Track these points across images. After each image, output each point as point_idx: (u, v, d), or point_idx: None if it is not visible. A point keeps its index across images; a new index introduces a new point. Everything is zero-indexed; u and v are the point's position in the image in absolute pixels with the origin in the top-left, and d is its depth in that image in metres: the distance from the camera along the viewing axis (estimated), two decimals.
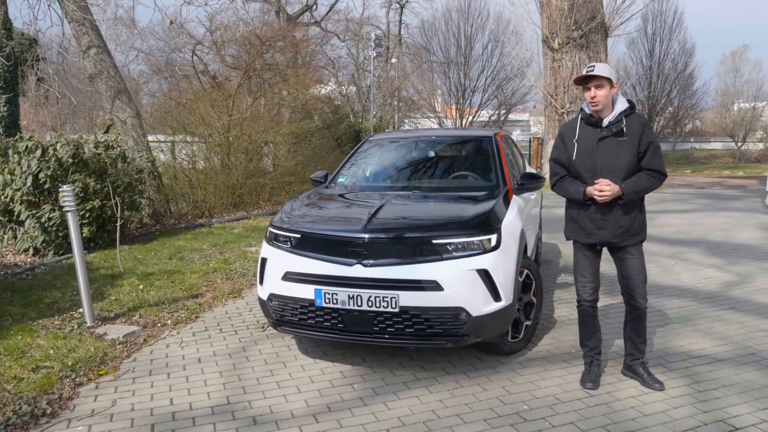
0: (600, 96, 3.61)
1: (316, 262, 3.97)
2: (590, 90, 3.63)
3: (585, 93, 3.68)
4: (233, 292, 6.16)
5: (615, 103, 3.71)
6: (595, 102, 3.63)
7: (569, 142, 3.81)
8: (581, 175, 3.74)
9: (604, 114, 3.69)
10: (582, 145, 3.74)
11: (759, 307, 5.42)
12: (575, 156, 3.76)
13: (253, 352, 4.54)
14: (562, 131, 3.91)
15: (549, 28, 17.09)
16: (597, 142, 3.69)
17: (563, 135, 3.87)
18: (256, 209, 11.64)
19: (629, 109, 3.69)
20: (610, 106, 3.69)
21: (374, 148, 5.71)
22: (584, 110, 3.80)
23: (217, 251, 7.99)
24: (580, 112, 3.85)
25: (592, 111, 3.71)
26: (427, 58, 29.53)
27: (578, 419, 3.42)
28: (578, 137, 3.76)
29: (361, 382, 3.96)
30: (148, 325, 5.12)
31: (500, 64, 28.39)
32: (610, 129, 3.66)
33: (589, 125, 3.75)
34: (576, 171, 3.77)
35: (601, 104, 3.63)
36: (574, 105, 17.07)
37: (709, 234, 8.95)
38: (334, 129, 15.81)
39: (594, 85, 3.61)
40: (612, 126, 3.66)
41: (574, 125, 3.83)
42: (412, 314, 3.78)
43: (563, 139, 3.86)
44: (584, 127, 3.77)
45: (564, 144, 3.85)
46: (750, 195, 13.22)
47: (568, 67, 16.99)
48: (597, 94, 3.60)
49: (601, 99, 3.62)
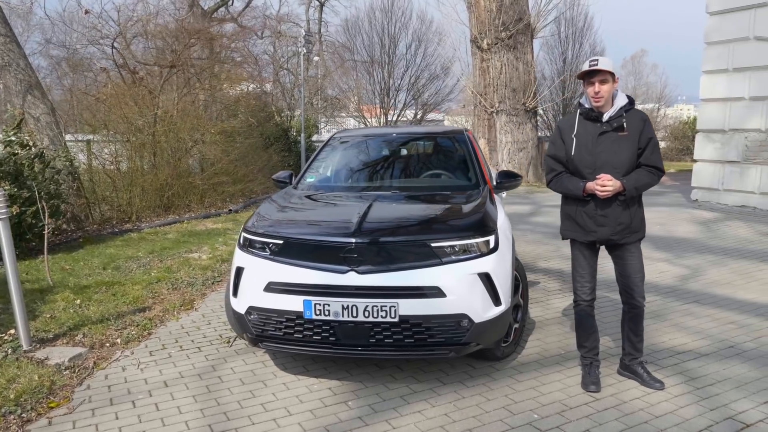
0: (604, 91, 3.51)
1: (304, 271, 3.61)
2: (594, 85, 3.51)
3: (588, 88, 3.56)
4: (184, 304, 5.63)
5: (614, 97, 3.62)
6: (598, 97, 3.52)
7: (567, 138, 3.68)
8: (581, 171, 3.62)
9: (604, 108, 3.59)
10: (581, 141, 3.62)
11: (719, 299, 5.56)
12: (574, 151, 3.64)
13: (225, 371, 4.11)
14: (560, 126, 3.79)
15: (478, 28, 17.30)
16: (597, 137, 3.59)
17: (561, 131, 3.74)
18: (188, 212, 10.94)
19: (629, 104, 3.61)
20: (610, 100, 3.60)
21: (341, 146, 5.38)
22: (583, 105, 3.69)
23: (156, 259, 7.36)
24: (578, 107, 3.73)
25: (594, 106, 3.60)
26: (351, 57, 29.25)
27: (593, 426, 3.29)
28: (577, 132, 3.64)
29: (355, 399, 3.65)
30: (95, 346, 4.55)
31: (424, 63, 28.60)
32: (610, 124, 3.57)
33: (588, 120, 3.64)
34: (575, 167, 3.65)
35: (604, 99, 3.53)
36: (503, 104, 17.39)
37: (649, 229, 9.24)
38: (262, 127, 15.19)
39: (598, 80, 3.50)
40: (612, 121, 3.57)
41: (572, 120, 3.70)
42: (413, 323, 3.51)
43: (561, 135, 3.73)
44: (583, 122, 3.65)
45: (562, 140, 3.72)
46: (669, 190, 13.91)
47: (497, 67, 17.28)
48: (601, 89, 3.50)
49: (605, 94, 3.52)
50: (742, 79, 10.34)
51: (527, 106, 17.41)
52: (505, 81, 17.23)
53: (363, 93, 29.03)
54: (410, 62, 28.37)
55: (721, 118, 10.73)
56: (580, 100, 3.77)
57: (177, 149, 11.06)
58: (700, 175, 11.35)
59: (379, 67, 28.65)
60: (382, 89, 28.88)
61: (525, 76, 17.42)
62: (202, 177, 10.82)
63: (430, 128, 5.72)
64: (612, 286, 5.27)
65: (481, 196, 4.31)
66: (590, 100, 3.61)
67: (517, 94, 17.27)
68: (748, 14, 10.18)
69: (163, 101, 11.38)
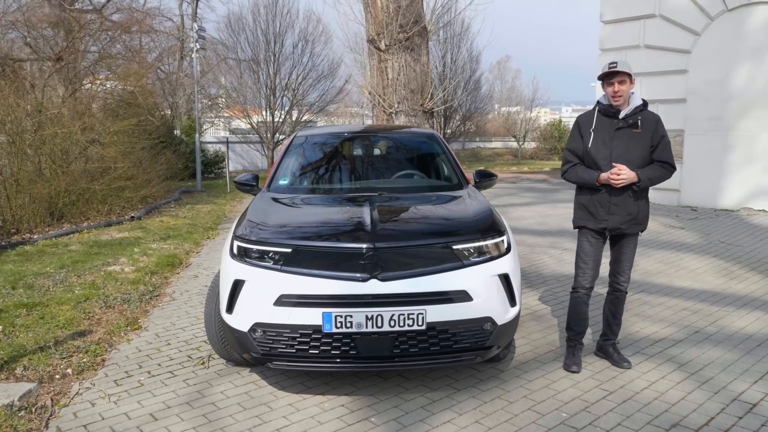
0: (623, 90, 3.77)
1: (320, 281, 3.32)
2: (614, 85, 3.77)
3: (607, 88, 3.82)
4: (129, 324, 5.02)
5: (630, 98, 3.88)
6: (618, 96, 3.77)
7: (586, 132, 3.94)
8: (597, 162, 3.86)
9: (622, 107, 3.84)
10: (599, 135, 3.87)
11: (661, 288, 5.96)
12: (591, 144, 3.89)
13: (216, 396, 3.69)
14: (579, 121, 4.05)
15: (375, 29, 17.34)
16: (614, 132, 3.84)
17: (580, 125, 4.00)
18: (86, 221, 9.87)
19: (643, 105, 3.89)
20: (627, 100, 3.86)
21: (311, 147, 5.06)
22: (601, 102, 3.95)
23: (72, 274, 6.52)
24: (597, 104, 3.99)
25: (614, 104, 3.84)
26: (234, 55, 28.14)
27: (622, 419, 3.33)
28: (595, 127, 3.90)
29: (377, 414, 3.42)
30: (43, 380, 3.90)
31: (311, 63, 28.24)
32: (626, 121, 3.83)
33: (605, 116, 3.90)
34: (591, 159, 3.89)
35: (623, 98, 3.79)
36: (401, 105, 17.58)
37: (566, 224, 9.77)
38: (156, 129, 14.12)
39: (618, 80, 3.76)
40: (628, 118, 3.83)
41: (591, 116, 3.97)
42: (439, 330, 3.35)
43: (580, 129, 3.98)
44: (601, 118, 3.91)
45: (580, 134, 3.97)
46: (562, 187, 14.85)
47: (395, 69, 17.43)
48: (620, 89, 3.76)
49: (624, 93, 3.78)
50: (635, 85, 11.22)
51: (425, 107, 17.77)
52: (403, 82, 17.44)
53: (248, 92, 28.05)
54: (297, 62, 27.89)
55: None
56: (599, 98, 4.02)
57: (69, 151, 9.94)
58: None
59: (264, 66, 27.86)
60: (268, 88, 28.12)
61: (422, 77, 17.74)
62: (102, 182, 9.78)
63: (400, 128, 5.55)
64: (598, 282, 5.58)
65: (477, 195, 4.25)
66: (610, 99, 3.86)
67: (415, 95, 17.55)
68: (639, 24, 11.10)
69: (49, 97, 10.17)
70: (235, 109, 28.81)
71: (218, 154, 21.91)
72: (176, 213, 11.25)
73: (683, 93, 10.75)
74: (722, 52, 10.19)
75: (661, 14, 10.87)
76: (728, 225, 9.13)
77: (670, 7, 10.74)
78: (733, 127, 10.07)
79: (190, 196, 14.17)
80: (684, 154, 10.73)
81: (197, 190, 15.47)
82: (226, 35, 28.62)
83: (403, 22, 17.01)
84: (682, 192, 10.87)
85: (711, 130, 10.47)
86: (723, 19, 10.20)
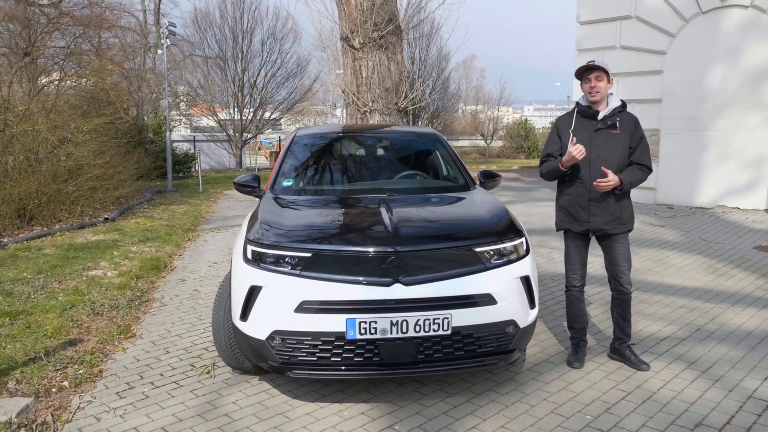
0: (600, 87, 3.79)
1: (343, 286, 3.21)
2: (591, 81, 3.80)
3: (584, 85, 3.85)
4: (122, 332, 4.82)
5: (609, 99, 3.91)
6: (595, 92, 3.79)
7: (564, 133, 3.97)
8: (576, 163, 3.85)
9: (600, 107, 3.86)
10: (578, 136, 3.88)
11: (655, 286, 6.04)
12: (570, 146, 3.86)
13: (229, 407, 3.54)
14: (558, 124, 4.07)
15: (349, 27, 17.20)
16: (593, 133, 3.86)
17: (558, 127, 4.03)
18: (58, 223, 9.49)
19: (621, 106, 3.91)
20: (606, 100, 3.88)
21: (313, 147, 4.92)
22: (580, 103, 3.97)
23: (51, 280, 6.23)
24: (576, 106, 4.01)
25: (590, 102, 3.87)
26: (200, 51, 27.57)
27: (646, 420, 3.33)
28: (574, 128, 3.93)
29: (400, 422, 3.34)
30: (39, 394, 3.69)
31: (280, 60, 27.87)
32: (605, 122, 3.86)
33: (584, 117, 3.92)
34: None
35: (600, 95, 3.81)
36: (376, 104, 17.49)
37: (548, 222, 9.84)
38: (125, 125, 13.68)
39: (594, 76, 3.79)
40: (607, 119, 3.86)
41: (570, 118, 3.99)
42: (464, 334, 3.29)
43: (558, 132, 4.02)
44: (580, 120, 3.94)
45: (558, 136, 4.00)
46: (536, 185, 15.00)
47: (369, 67, 17.33)
48: (597, 84, 3.78)
49: (601, 90, 3.80)
50: (613, 85, 11.39)
51: (399, 105, 17.72)
52: (378, 80, 17.36)
53: (216, 89, 27.52)
54: (266, 59, 27.50)
55: None
56: (578, 99, 4.04)
57: (39, 151, 9.54)
58: None
59: (232, 63, 27.38)
60: (236, 85, 27.65)
61: (396, 76, 17.69)
62: (75, 183, 9.40)
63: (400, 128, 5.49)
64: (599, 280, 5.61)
65: (488, 196, 4.21)
66: (587, 96, 3.88)
67: (390, 93, 17.49)
68: (615, 25, 11.27)
69: (15, 93, 9.75)
70: (202, 107, 28.23)
71: (187, 153, 21.40)
72: (151, 214, 10.92)
73: (659, 93, 10.96)
74: (697, 53, 10.42)
75: (637, 16, 11.06)
76: (705, 222, 9.34)
77: (645, 9, 10.94)
78: (708, 126, 10.32)
79: (163, 197, 13.79)
80: (660, 154, 10.94)
81: (169, 190, 15.08)
82: (192, 31, 28.07)
83: (377, 20, 16.93)
84: (658, 190, 11.09)
85: (686, 129, 10.70)
86: (697, 21, 10.44)
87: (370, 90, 17.47)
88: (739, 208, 10.26)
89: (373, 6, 16.81)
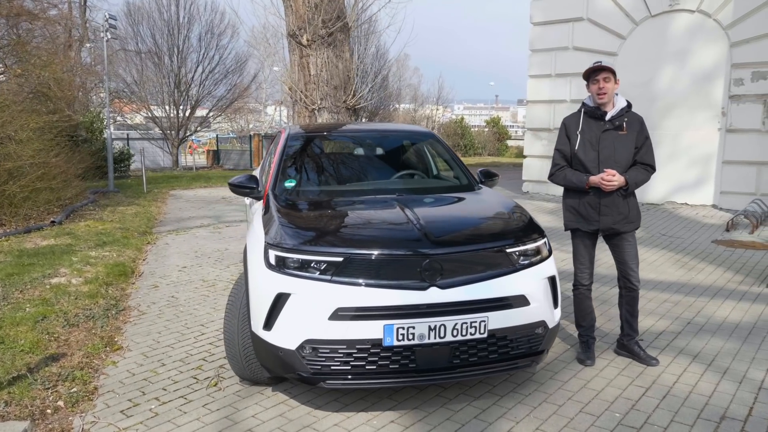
0: (607, 88, 3.81)
1: (379, 291, 3.08)
2: (599, 82, 3.81)
3: (592, 86, 3.87)
4: (108, 344, 4.50)
5: (615, 100, 3.93)
6: (603, 92, 3.81)
7: (572, 134, 3.98)
8: (584, 165, 3.91)
9: (607, 107, 3.88)
10: (585, 137, 3.92)
11: None
12: (578, 147, 3.93)
13: (250, 421, 3.35)
14: (566, 123, 4.07)
15: (297, 23, 16.89)
16: (600, 134, 3.89)
17: (567, 127, 4.03)
18: (1, 227, 8.79)
19: (627, 106, 3.95)
20: (612, 100, 3.90)
21: (310, 146, 4.73)
22: (587, 104, 3.99)
23: (12, 289, 5.74)
24: (582, 106, 4.02)
25: (598, 103, 3.89)
26: (135, 46, 26.36)
27: (673, 415, 3.39)
28: (581, 129, 3.94)
29: (432, 428, 3.25)
30: (36, 416, 3.37)
31: (218, 56, 27.07)
32: (612, 123, 3.88)
33: (591, 118, 3.93)
34: (579, 161, 3.94)
35: (608, 96, 3.83)
36: (324, 102, 17.26)
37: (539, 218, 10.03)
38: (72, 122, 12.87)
39: (602, 77, 3.80)
40: (614, 120, 3.88)
41: (577, 118, 4.00)
42: (499, 337, 3.24)
43: (566, 132, 4.02)
44: (587, 120, 3.95)
45: (567, 136, 4.00)
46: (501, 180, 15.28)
47: (318, 65, 17.08)
48: (605, 86, 3.80)
49: (609, 91, 3.82)
50: (564, 84, 11.73)
51: (348, 104, 17.57)
52: (326, 78, 17.13)
53: (151, 86, 26.40)
54: (203, 55, 26.64)
55: (547, 117, 12.06)
56: (585, 100, 4.05)
57: None
58: (530, 169, 12.62)
59: (167, 58, 26.35)
60: (173, 81, 26.64)
61: (345, 74, 17.53)
62: (20, 184, 8.74)
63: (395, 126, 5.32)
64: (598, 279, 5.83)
65: (499, 195, 4.18)
66: (594, 98, 3.90)
67: (338, 91, 17.31)
68: (568, 26, 11.57)
69: None
70: (138, 104, 27.02)
71: (123, 152, 20.41)
72: (100, 216, 10.31)
73: None
74: (647, 55, 10.86)
75: (589, 18, 11.40)
76: (660, 218, 9.75)
77: (597, 11, 11.30)
78: (658, 126, 10.77)
79: (106, 198, 13.07)
80: None
81: (111, 190, 14.31)
82: (124, 25, 26.77)
83: (325, 17, 16.70)
84: None
85: None
86: (647, 24, 10.87)
87: (318, 88, 17.22)
88: (687, 203, 10.77)
89: (321, 2, 16.59)
